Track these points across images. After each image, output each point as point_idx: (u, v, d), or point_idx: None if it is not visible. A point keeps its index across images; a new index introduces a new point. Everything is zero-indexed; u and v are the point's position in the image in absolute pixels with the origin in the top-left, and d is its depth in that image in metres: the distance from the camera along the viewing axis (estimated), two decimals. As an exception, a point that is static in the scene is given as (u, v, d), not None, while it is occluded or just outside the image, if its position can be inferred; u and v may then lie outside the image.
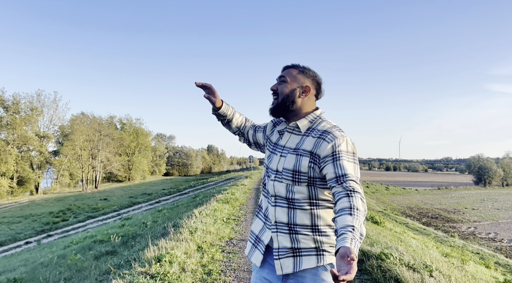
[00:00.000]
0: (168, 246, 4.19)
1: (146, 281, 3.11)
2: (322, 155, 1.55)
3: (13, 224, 27.77)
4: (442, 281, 3.26)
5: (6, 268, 7.62)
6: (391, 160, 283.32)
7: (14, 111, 48.63)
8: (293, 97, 1.69)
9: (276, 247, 1.62)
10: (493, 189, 75.99)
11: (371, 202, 48.13)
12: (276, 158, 1.69)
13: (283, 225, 1.61)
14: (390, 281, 3.38)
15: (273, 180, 1.66)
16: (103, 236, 7.80)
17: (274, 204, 1.64)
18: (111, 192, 50.42)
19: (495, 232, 31.72)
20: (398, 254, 4.02)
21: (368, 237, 5.33)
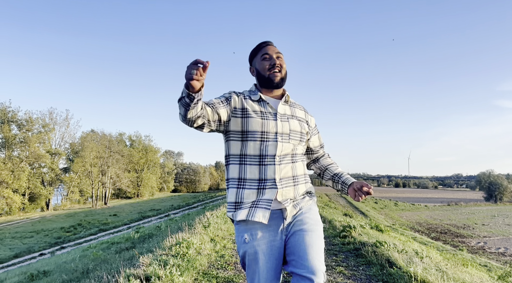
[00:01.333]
0: (185, 237, 4.67)
1: (168, 258, 3.59)
2: (312, 125, 2.08)
3: (25, 239, 28.30)
4: (430, 263, 3.67)
5: (32, 267, 8.05)
6: (401, 177, 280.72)
7: (27, 129, 49.73)
8: (287, 73, 2.02)
9: (282, 199, 1.82)
10: (504, 205, 74.96)
11: (379, 217, 47.90)
12: (277, 123, 1.88)
13: (288, 178, 1.87)
14: (382, 261, 3.83)
15: (280, 141, 1.86)
16: (120, 239, 8.25)
17: (279, 163, 1.85)
18: (120, 208, 50.90)
19: (505, 247, 31.40)
20: (392, 244, 4.46)
21: (369, 236, 5.74)
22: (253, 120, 1.85)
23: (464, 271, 4.91)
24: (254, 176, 1.82)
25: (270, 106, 1.91)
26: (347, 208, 49.06)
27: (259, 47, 1.99)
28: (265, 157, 1.83)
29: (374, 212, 56.00)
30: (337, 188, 2.03)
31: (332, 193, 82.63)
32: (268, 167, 1.82)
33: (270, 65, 1.92)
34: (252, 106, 1.89)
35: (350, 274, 3.78)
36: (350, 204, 61.45)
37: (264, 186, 1.81)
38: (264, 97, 1.93)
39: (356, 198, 1.89)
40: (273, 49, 1.96)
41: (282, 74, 1.94)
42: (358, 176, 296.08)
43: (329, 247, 5.30)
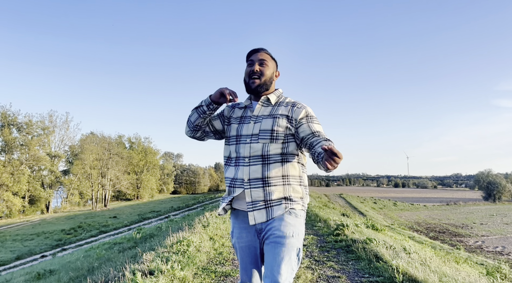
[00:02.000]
0: (185, 236, 4.92)
1: (169, 255, 3.84)
2: (298, 117, 1.93)
3: (26, 241, 28.45)
4: (415, 258, 3.92)
5: (37, 267, 8.25)
6: (400, 177, 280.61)
7: (27, 132, 49.89)
8: (272, 78, 2.05)
9: (249, 201, 1.88)
10: (502, 205, 75.09)
11: (378, 217, 48.08)
12: (250, 125, 1.97)
13: (257, 180, 1.88)
14: (370, 256, 4.09)
15: (248, 142, 1.92)
16: (122, 240, 8.47)
17: (249, 163, 1.90)
18: (120, 210, 51.03)
19: (503, 246, 31.54)
20: (382, 241, 4.71)
21: (361, 234, 5.99)
22: (232, 126, 2.03)
23: (451, 266, 5.15)
24: (231, 175, 1.98)
25: (250, 111, 2.03)
26: (345, 208, 49.26)
27: (249, 54, 2.05)
28: (238, 159, 1.96)
29: (373, 212, 56.21)
30: (318, 160, 1.72)
31: (331, 193, 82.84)
32: (239, 168, 1.93)
33: (250, 71, 2.00)
34: (236, 114, 2.07)
35: (339, 268, 4.06)
36: (349, 204, 61.66)
37: (235, 185, 1.94)
38: (247, 102, 2.07)
39: (326, 164, 1.58)
40: (259, 56, 2.01)
41: (261, 80, 1.99)
42: (358, 176, 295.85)
43: (322, 244, 5.59)
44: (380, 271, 3.60)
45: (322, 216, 9.09)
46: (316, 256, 4.66)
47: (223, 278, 3.69)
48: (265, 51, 2.04)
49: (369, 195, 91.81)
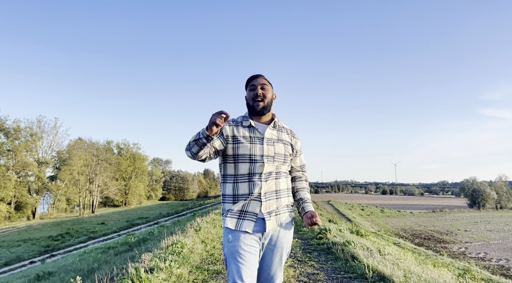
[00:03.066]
0: (179, 239, 5.29)
1: (165, 256, 4.22)
2: (296, 148, 2.37)
3: (12, 248, 28.17)
4: (389, 258, 4.37)
5: (34, 270, 8.45)
6: (388, 184, 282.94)
7: (15, 138, 49.42)
8: (272, 101, 2.32)
9: (266, 212, 2.12)
10: (487, 212, 76.19)
11: (365, 224, 48.62)
12: (264, 147, 2.19)
13: (272, 192, 2.15)
14: (347, 256, 4.54)
15: (266, 162, 2.15)
16: (116, 244, 8.74)
17: (266, 180, 2.14)
18: (108, 216, 50.66)
19: (485, 252, 32.15)
20: (359, 244, 5.16)
21: (342, 237, 6.43)
22: (243, 145, 2.16)
23: (425, 268, 5.61)
24: (245, 191, 2.12)
25: (258, 132, 2.20)
26: (333, 215, 49.69)
27: (250, 79, 2.29)
28: (253, 175, 2.13)
29: (360, 218, 56.73)
30: (298, 210, 2.31)
31: (320, 200, 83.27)
32: (255, 183, 2.11)
33: (254, 95, 2.22)
34: (243, 133, 2.19)
35: (319, 267, 4.52)
36: (337, 210, 62.13)
37: (251, 199, 2.11)
38: (253, 123, 2.23)
39: (306, 225, 2.21)
40: (260, 81, 2.26)
41: (265, 103, 2.24)
42: (346, 183, 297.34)
43: (305, 246, 6.06)
44: (354, 269, 4.05)
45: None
46: (299, 257, 5.15)
47: (215, 275, 4.12)
48: (263, 77, 2.29)
49: (357, 202, 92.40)
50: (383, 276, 3.54)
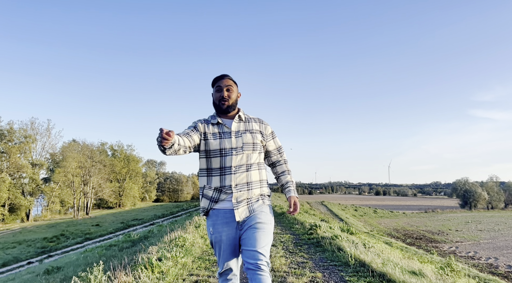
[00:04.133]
0: (180, 234, 5.73)
1: (170, 248, 4.66)
2: (267, 133, 2.52)
3: (8, 249, 28.22)
4: (372, 250, 4.84)
5: (41, 266, 8.74)
6: (381, 185, 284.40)
7: (8, 140, 49.34)
8: (237, 100, 2.49)
9: (235, 202, 2.28)
10: (478, 212, 77.07)
11: (358, 224, 49.22)
12: (232, 140, 2.36)
13: (243, 185, 2.31)
14: (334, 248, 5.02)
15: (234, 154, 2.32)
16: (117, 242, 9.10)
17: (236, 172, 2.31)
18: (102, 218, 50.67)
19: (475, 251, 32.70)
20: (345, 238, 5.64)
21: (332, 233, 6.91)
22: (210, 141, 2.34)
23: (409, 262, 6.08)
24: (217, 184, 2.31)
25: (226, 127, 2.39)
26: (326, 215, 50.26)
27: (216, 80, 2.44)
28: (224, 169, 2.30)
29: (353, 219, 57.35)
30: (280, 185, 2.55)
31: (314, 201, 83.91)
32: (226, 176, 2.29)
33: (220, 97, 2.40)
34: (212, 130, 2.38)
35: (308, 257, 5.00)
36: (330, 211, 62.76)
37: (221, 191, 2.29)
38: (220, 120, 2.41)
39: (288, 210, 2.42)
40: (225, 82, 2.42)
41: (230, 102, 2.40)
42: (340, 184, 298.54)
43: (297, 241, 6.56)
44: (340, 258, 4.53)
45: (300, 219, 10.05)
46: (291, 249, 5.63)
47: (215, 264, 4.60)
48: (229, 77, 2.45)
49: (351, 203, 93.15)
50: (364, 263, 4.02)
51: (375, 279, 3.50)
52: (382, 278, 3.44)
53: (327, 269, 4.16)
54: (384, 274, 3.47)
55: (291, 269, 4.19)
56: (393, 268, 3.58)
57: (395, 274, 3.34)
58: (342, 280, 3.64)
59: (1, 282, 7.52)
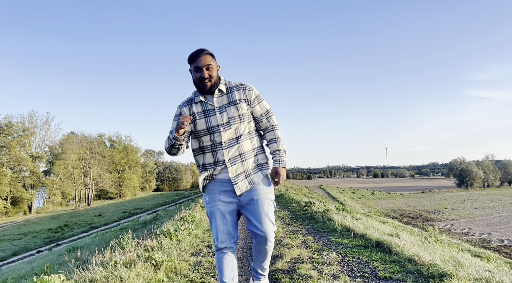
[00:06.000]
0: (189, 213, 6.39)
1: (182, 222, 5.32)
2: (251, 99, 2.40)
3: (15, 241, 28.88)
4: (360, 221, 5.52)
5: (57, 252, 9.31)
6: (379, 167, 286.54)
7: (8, 133, 49.71)
8: (217, 76, 2.35)
9: (233, 176, 2.30)
10: (474, 190, 78.25)
11: (356, 206, 50.15)
12: (217, 116, 2.32)
13: (236, 157, 2.31)
14: (325, 219, 5.71)
15: (222, 130, 2.29)
16: (128, 226, 9.76)
17: (227, 147, 2.30)
18: (104, 209, 51.37)
19: (469, 228, 33.66)
20: (336, 210, 6.34)
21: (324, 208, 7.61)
22: (200, 121, 2.32)
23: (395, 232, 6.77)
24: (210, 160, 2.34)
25: (209, 104, 2.33)
26: (325, 199, 51.14)
27: (192, 58, 2.28)
28: (215, 145, 2.31)
29: (351, 201, 58.29)
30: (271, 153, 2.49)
31: (312, 185, 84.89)
32: (218, 152, 2.31)
33: (200, 77, 2.26)
34: (196, 109, 2.34)
35: (302, 227, 5.72)
36: (328, 194, 63.76)
37: (216, 166, 2.32)
38: (203, 97, 2.34)
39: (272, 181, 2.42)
40: (204, 61, 2.26)
41: (212, 82, 2.30)
42: (338, 168, 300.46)
43: (293, 216, 7.30)
44: (329, 226, 5.24)
45: (296, 199, 10.78)
46: (287, 222, 6.36)
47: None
48: (206, 53, 2.29)
49: (349, 186, 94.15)
50: (349, 229, 4.70)
51: (356, 238, 4.21)
52: (362, 238, 4.15)
53: (318, 234, 4.86)
54: (364, 235, 4.16)
55: (287, 235, 4.89)
56: (372, 232, 4.25)
57: (373, 234, 4.01)
58: (329, 241, 4.33)
59: (28, 263, 8.16)
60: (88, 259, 3.42)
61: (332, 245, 4.07)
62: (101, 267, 2.82)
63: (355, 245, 3.96)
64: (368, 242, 3.97)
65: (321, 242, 4.30)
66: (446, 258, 3.14)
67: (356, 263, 3.30)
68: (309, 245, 4.12)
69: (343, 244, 4.09)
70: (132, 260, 3.08)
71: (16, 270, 7.28)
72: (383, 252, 3.53)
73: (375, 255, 3.49)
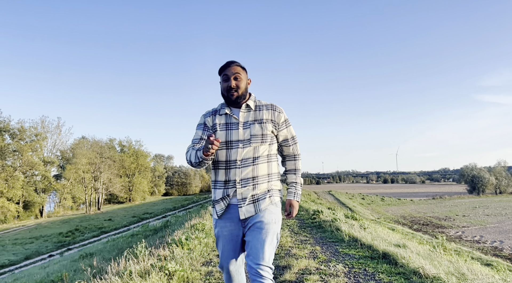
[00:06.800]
0: (199, 221, 6.52)
1: (192, 231, 5.44)
2: (279, 122, 2.30)
3: (26, 245, 29.24)
4: (368, 231, 5.59)
5: (70, 256, 9.52)
6: (389, 173, 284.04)
7: (20, 138, 50.45)
8: (247, 89, 2.28)
9: (240, 198, 2.14)
10: (486, 197, 76.95)
11: (365, 212, 49.77)
12: (239, 131, 2.20)
13: (248, 179, 2.15)
14: (333, 229, 5.80)
15: (241, 147, 2.17)
16: (138, 232, 9.91)
17: (241, 166, 2.15)
18: (114, 213, 51.73)
19: (481, 235, 33.05)
20: (344, 220, 6.41)
21: (332, 217, 7.69)
22: (219, 133, 2.21)
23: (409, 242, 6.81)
24: (222, 178, 2.18)
25: (234, 118, 2.22)
26: (334, 205, 50.84)
27: (222, 68, 2.23)
28: (229, 162, 2.16)
29: (360, 207, 57.81)
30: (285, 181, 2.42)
31: (321, 190, 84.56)
32: (231, 170, 2.16)
33: (228, 87, 2.19)
34: (219, 121, 2.24)
35: (310, 236, 5.82)
36: (337, 200, 63.39)
37: (228, 186, 2.15)
38: (229, 110, 2.24)
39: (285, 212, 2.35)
40: (233, 71, 2.20)
41: (239, 93, 2.20)
42: (348, 173, 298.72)
43: (301, 224, 7.39)
44: (337, 236, 5.32)
45: (305, 206, 10.86)
46: (295, 231, 6.47)
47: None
48: (236, 64, 2.24)
49: (358, 191, 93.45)
50: (356, 239, 4.79)
51: (363, 249, 4.30)
52: (369, 249, 4.24)
53: (325, 244, 4.96)
54: (371, 245, 4.24)
55: (295, 245, 5.00)
56: (379, 242, 4.33)
57: (379, 245, 4.09)
58: (337, 251, 4.43)
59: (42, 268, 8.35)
60: (103, 267, 3.55)
61: (340, 256, 4.16)
62: (117, 277, 2.95)
63: (362, 256, 4.04)
64: (374, 253, 4.05)
65: (328, 252, 4.40)
66: (451, 270, 3.20)
67: (362, 275, 3.38)
68: (317, 256, 4.22)
69: (350, 255, 4.18)
70: (147, 269, 3.21)
71: (31, 275, 7.46)
72: (389, 263, 3.61)
73: (381, 266, 3.58)
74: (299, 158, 2.41)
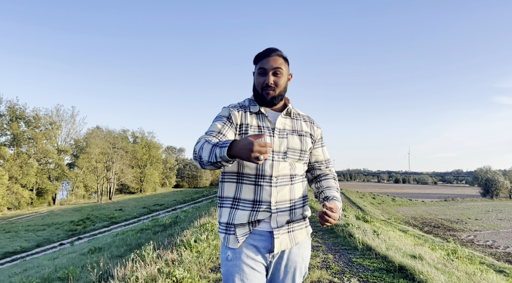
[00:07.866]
0: (208, 220, 6.44)
1: (201, 231, 5.36)
2: (316, 138, 1.87)
3: (38, 232, 29.82)
4: (381, 237, 5.43)
5: (79, 247, 9.59)
6: (401, 173, 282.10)
7: (35, 126, 51.24)
8: (286, 87, 1.82)
9: (275, 226, 1.66)
10: (500, 201, 75.99)
11: (376, 212, 49.49)
12: (275, 140, 1.73)
13: (285, 202, 1.69)
14: (345, 235, 5.64)
15: (276, 160, 1.70)
16: (147, 226, 9.91)
17: (277, 184, 1.67)
18: (125, 203, 52.39)
19: (493, 240, 32.60)
20: (356, 225, 6.26)
21: (345, 221, 7.54)
22: None
23: (417, 248, 6.63)
24: (249, 197, 1.68)
25: (269, 121, 1.78)
26: (344, 203, 50.62)
27: (259, 57, 1.79)
28: (261, 177, 1.69)
29: (371, 207, 57.54)
30: (318, 199, 1.87)
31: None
32: (264, 188, 1.67)
33: (264, 83, 1.75)
34: (250, 121, 1.77)
35: (322, 242, 5.67)
36: (348, 199, 63.09)
37: (258, 209, 1.67)
38: (263, 110, 1.79)
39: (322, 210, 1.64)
40: (272, 63, 1.75)
41: (276, 92, 1.77)
42: (359, 172, 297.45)
43: (313, 228, 7.21)
44: (350, 243, 5.17)
45: (316, 207, 10.70)
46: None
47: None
48: (278, 53, 1.79)
49: (369, 191, 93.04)
50: (370, 247, 4.64)
51: (378, 260, 4.14)
52: (383, 259, 4.08)
53: (338, 252, 4.83)
54: (386, 256, 4.09)
55: (307, 252, 4.83)
56: (394, 252, 4.17)
57: (395, 257, 3.94)
58: (350, 261, 4.28)
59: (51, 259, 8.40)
60: (110, 269, 3.47)
61: (353, 267, 4.02)
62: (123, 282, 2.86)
63: (377, 268, 3.89)
64: (390, 265, 3.90)
65: (341, 262, 4.26)
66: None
67: (378, 290, 3.23)
68: (330, 266, 4.09)
69: (365, 266, 4.04)
70: (153, 275, 3.12)
71: (40, 266, 7.50)
72: (406, 278, 3.46)
73: (398, 281, 3.42)
74: (336, 179, 1.93)
